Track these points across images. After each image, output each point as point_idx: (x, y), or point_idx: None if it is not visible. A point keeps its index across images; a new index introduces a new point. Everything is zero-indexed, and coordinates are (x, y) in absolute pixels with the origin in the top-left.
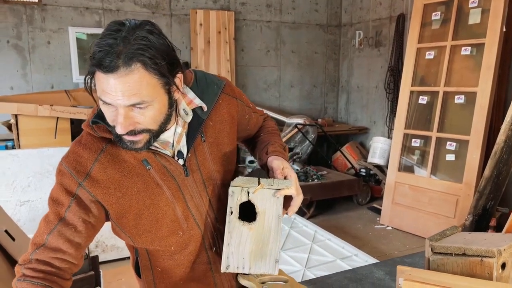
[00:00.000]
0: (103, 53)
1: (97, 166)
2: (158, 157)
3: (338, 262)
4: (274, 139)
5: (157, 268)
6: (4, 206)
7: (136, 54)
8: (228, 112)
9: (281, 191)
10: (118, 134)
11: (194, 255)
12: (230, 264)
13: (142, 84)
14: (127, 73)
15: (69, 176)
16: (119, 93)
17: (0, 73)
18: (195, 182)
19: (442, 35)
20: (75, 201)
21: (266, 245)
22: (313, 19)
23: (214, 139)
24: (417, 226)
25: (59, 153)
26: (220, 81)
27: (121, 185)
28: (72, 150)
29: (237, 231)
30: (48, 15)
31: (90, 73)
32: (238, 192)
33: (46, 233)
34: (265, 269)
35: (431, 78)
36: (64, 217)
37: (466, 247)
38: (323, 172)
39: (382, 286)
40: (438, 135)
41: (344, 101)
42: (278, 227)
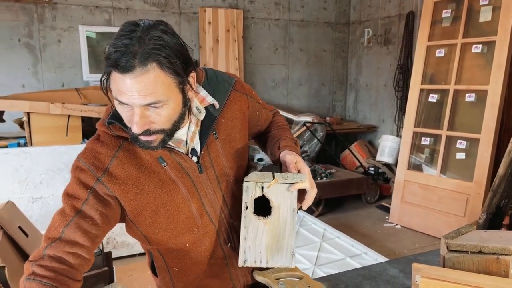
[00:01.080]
0: (119, 54)
1: (115, 162)
2: (173, 155)
3: (347, 260)
4: (285, 134)
5: (173, 268)
6: (17, 203)
7: (151, 54)
8: (239, 109)
9: (295, 185)
10: (133, 134)
11: (210, 251)
12: (248, 259)
13: (158, 83)
14: (143, 72)
15: (87, 171)
16: (135, 93)
17: (12, 72)
18: (209, 178)
19: (452, 33)
20: (92, 194)
21: (282, 238)
22: (321, 17)
23: (226, 136)
24: (426, 224)
25: (71, 150)
26: (230, 78)
27: (139, 181)
28: (90, 147)
29: (253, 226)
30: (58, 14)
31: (106, 74)
32: (252, 187)
33: (62, 226)
34: (282, 262)
35: (441, 76)
36: (81, 210)
37: (482, 245)
38: (331, 170)
39: (396, 283)
40: (448, 133)
41: (353, 99)
42: (293, 221)
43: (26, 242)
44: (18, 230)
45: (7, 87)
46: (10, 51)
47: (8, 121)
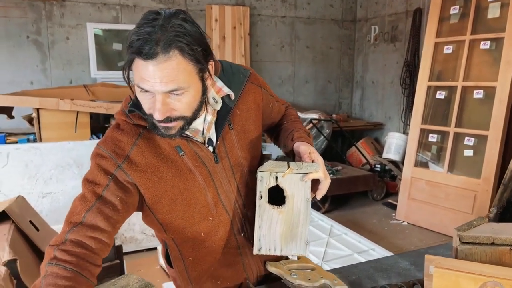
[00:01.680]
0: (142, 41)
1: (135, 150)
2: (190, 144)
3: (355, 256)
4: (298, 126)
5: (188, 258)
6: (27, 198)
7: (174, 41)
8: (254, 100)
9: (309, 175)
10: (153, 121)
11: (224, 240)
12: (262, 246)
13: (179, 70)
14: (166, 59)
15: (108, 158)
16: (157, 80)
17: (20, 68)
18: (224, 168)
19: (460, 29)
20: (113, 181)
21: (296, 227)
22: (328, 14)
23: (241, 127)
24: (433, 221)
25: (79, 146)
26: (245, 70)
27: (158, 169)
28: (110, 135)
29: (267, 214)
30: (66, 11)
31: (129, 62)
32: (266, 177)
33: (84, 211)
34: (296, 251)
35: (449, 73)
36: (102, 195)
37: (495, 236)
38: (338, 167)
39: (408, 276)
40: (456, 130)
41: (359, 97)
42: (307, 210)
43: (37, 236)
44: (29, 224)
45: (16, 84)
46: (19, 48)
47: (17, 117)
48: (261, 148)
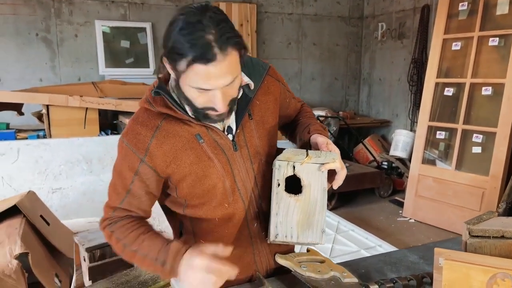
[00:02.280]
0: (198, 48)
1: (154, 142)
2: (210, 132)
3: (362, 252)
4: (314, 121)
5: (200, 241)
6: (37, 193)
7: (226, 40)
8: (272, 93)
9: (326, 165)
10: (206, 113)
11: (237, 228)
12: (279, 233)
13: (233, 63)
14: (224, 58)
15: (131, 153)
16: (219, 77)
17: (30, 66)
18: (243, 157)
19: (469, 26)
20: (137, 177)
21: (312, 215)
22: (335, 11)
23: (260, 117)
24: (441, 219)
25: (88, 142)
26: (265, 64)
27: (176, 158)
28: (131, 128)
29: (284, 202)
30: (75, 9)
31: (184, 69)
32: (284, 166)
33: (118, 203)
34: (312, 238)
35: (457, 69)
36: (130, 190)
37: (504, 229)
38: (345, 164)
39: (417, 269)
40: (464, 127)
41: (366, 94)
42: (323, 199)
43: (47, 230)
44: (40, 218)
45: (26, 81)
46: (28, 45)
47: (26, 114)
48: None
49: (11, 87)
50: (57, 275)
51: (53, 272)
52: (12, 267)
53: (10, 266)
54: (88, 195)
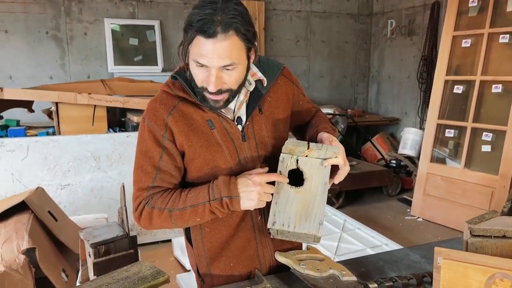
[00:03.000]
0: (204, 21)
1: (171, 119)
2: (221, 119)
3: (368, 250)
4: (325, 124)
5: (205, 228)
6: (46, 189)
7: (232, 23)
8: (285, 92)
9: (329, 160)
10: (203, 94)
11: (240, 217)
12: (277, 221)
13: (234, 48)
14: (225, 38)
15: (154, 130)
16: (215, 56)
17: (40, 63)
18: (250, 148)
19: (479, 23)
20: (165, 152)
21: (311, 207)
22: (343, 9)
23: (270, 113)
24: (449, 218)
25: (96, 139)
26: (280, 64)
27: (189, 137)
28: (150, 107)
29: (284, 192)
30: (85, 7)
31: (189, 40)
32: (288, 159)
33: (150, 181)
34: (309, 229)
35: (467, 67)
36: (159, 166)
37: (506, 229)
38: (352, 162)
39: (418, 268)
40: (473, 125)
41: (375, 92)
42: (324, 193)
43: (55, 226)
44: (48, 214)
45: (36, 79)
46: (39, 43)
47: (37, 111)
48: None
49: (22, 85)
50: (64, 270)
51: (60, 267)
52: (20, 262)
53: (17, 261)
54: (96, 192)
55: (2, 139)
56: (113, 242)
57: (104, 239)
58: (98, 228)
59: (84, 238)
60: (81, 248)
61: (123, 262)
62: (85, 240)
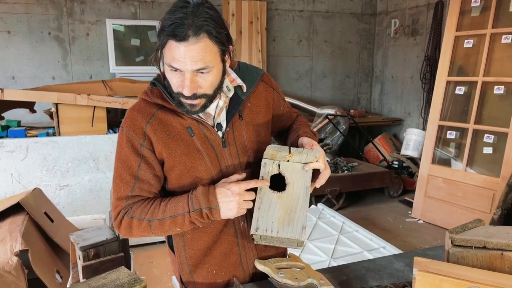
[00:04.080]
0: (176, 25)
1: (149, 128)
2: (200, 126)
3: (365, 253)
4: (305, 128)
5: (187, 235)
6: (45, 190)
7: (203, 25)
8: (265, 98)
9: (310, 164)
10: (180, 100)
11: (222, 223)
12: (260, 227)
13: (207, 51)
14: (196, 41)
15: (132, 139)
16: (188, 59)
17: (42, 64)
18: (231, 154)
19: (481, 23)
20: (143, 161)
21: (294, 212)
22: (347, 8)
23: (250, 119)
24: (450, 220)
25: (96, 140)
26: (260, 70)
27: (168, 145)
28: (129, 116)
29: (267, 198)
30: (87, 8)
31: (162, 44)
32: (270, 164)
33: (128, 191)
34: (292, 234)
35: (470, 67)
36: (138, 175)
37: (486, 240)
38: (353, 163)
39: (400, 277)
40: (475, 127)
41: (378, 92)
42: (306, 197)
43: (50, 227)
44: (43, 215)
45: (39, 79)
46: (41, 43)
47: (39, 111)
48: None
49: (24, 85)
50: (58, 271)
51: (54, 269)
52: (12, 263)
53: (10, 262)
54: (95, 192)
55: (2, 140)
56: (103, 245)
57: (93, 242)
58: (89, 231)
59: (74, 241)
60: (72, 251)
61: (113, 266)
62: (75, 243)
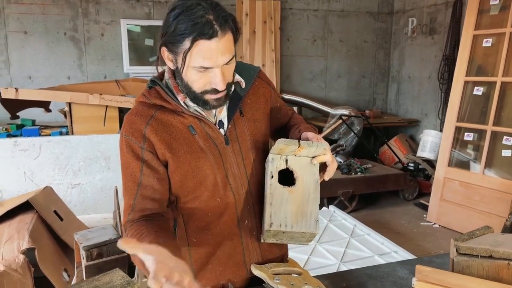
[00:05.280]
0: (201, 24)
1: (149, 129)
2: (202, 124)
3: (375, 258)
4: (305, 124)
5: (192, 239)
6: (57, 189)
7: (226, 18)
8: (263, 94)
9: (318, 157)
10: (203, 98)
11: (228, 225)
12: (274, 222)
13: (231, 42)
14: (224, 35)
15: (131, 143)
16: (219, 54)
17: (58, 64)
18: (234, 152)
19: (501, 21)
20: (145, 165)
21: (306, 206)
22: (363, 7)
23: (251, 115)
24: (467, 225)
25: (107, 140)
26: (256, 67)
27: (171, 146)
28: (126, 120)
29: (278, 193)
30: (101, 8)
31: (188, 47)
32: (277, 159)
33: (132, 198)
34: (306, 228)
35: (488, 67)
36: (141, 181)
37: (493, 249)
38: (367, 165)
39: (403, 285)
40: (493, 129)
41: (394, 92)
42: (316, 191)
43: (59, 226)
44: (52, 214)
45: (55, 79)
46: (57, 44)
47: (54, 110)
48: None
49: (40, 85)
50: (65, 270)
51: (61, 267)
52: (19, 261)
53: (17, 260)
54: (106, 191)
55: (16, 139)
56: (106, 245)
57: (97, 242)
58: (93, 231)
59: (78, 240)
60: (76, 250)
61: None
62: (79, 242)
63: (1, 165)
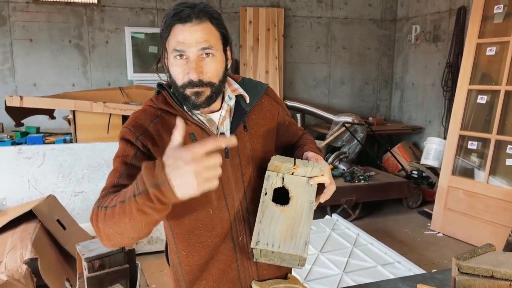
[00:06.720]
0: (178, 12)
1: (152, 127)
2: (204, 133)
3: (379, 268)
4: (311, 145)
5: (182, 252)
6: (60, 196)
7: (204, 10)
8: (270, 112)
9: (315, 178)
10: (184, 93)
11: (220, 238)
12: (260, 240)
13: (210, 32)
14: (199, 22)
15: (128, 132)
16: (192, 40)
17: (63, 71)
18: (233, 166)
19: (505, 29)
20: (139, 151)
21: (297, 227)
22: (366, 14)
23: (255, 131)
24: (471, 234)
25: (111, 147)
26: (264, 84)
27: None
28: (132, 116)
29: (269, 211)
30: (106, 16)
31: (167, 33)
32: (273, 177)
33: (116, 178)
34: (294, 249)
35: (492, 76)
36: (130, 163)
37: (494, 269)
38: (371, 173)
39: None
40: (498, 137)
41: (398, 99)
42: (309, 212)
43: (62, 234)
44: (55, 223)
45: (59, 86)
46: (62, 51)
47: (58, 118)
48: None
49: (45, 92)
50: (68, 279)
51: (64, 277)
52: (22, 271)
53: (20, 271)
54: None
55: (20, 146)
56: (108, 256)
57: (99, 254)
58: (95, 242)
59: (80, 252)
60: (78, 261)
61: (117, 277)
62: (81, 254)
63: (5, 173)
